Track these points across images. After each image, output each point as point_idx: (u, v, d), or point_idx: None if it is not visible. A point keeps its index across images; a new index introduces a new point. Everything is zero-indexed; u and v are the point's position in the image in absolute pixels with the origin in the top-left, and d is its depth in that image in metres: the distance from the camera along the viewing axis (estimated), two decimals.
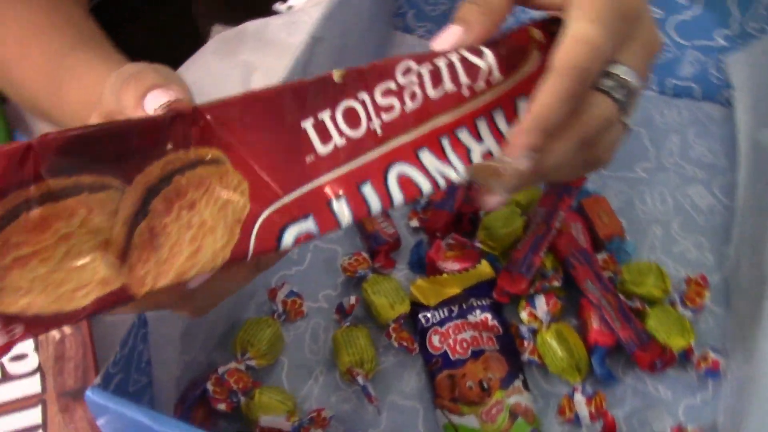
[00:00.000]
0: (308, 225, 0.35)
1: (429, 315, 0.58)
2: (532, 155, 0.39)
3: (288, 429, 0.51)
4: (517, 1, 0.43)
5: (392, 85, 0.38)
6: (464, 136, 0.40)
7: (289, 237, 0.34)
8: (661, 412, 0.55)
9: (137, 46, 0.70)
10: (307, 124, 0.35)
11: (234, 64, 0.70)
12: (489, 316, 0.58)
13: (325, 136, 0.36)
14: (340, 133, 0.36)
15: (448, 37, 0.40)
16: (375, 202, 0.37)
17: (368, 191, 0.37)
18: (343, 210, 0.36)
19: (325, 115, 0.36)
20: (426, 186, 0.38)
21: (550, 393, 0.56)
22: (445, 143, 0.39)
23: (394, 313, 0.58)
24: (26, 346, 0.49)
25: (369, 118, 0.37)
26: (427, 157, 0.39)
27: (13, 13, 0.58)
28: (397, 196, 0.37)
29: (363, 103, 0.37)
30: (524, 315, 0.58)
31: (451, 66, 0.39)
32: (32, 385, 0.48)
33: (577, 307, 0.59)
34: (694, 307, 0.58)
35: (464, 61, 0.40)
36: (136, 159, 0.31)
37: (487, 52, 0.40)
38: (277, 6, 0.83)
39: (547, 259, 0.59)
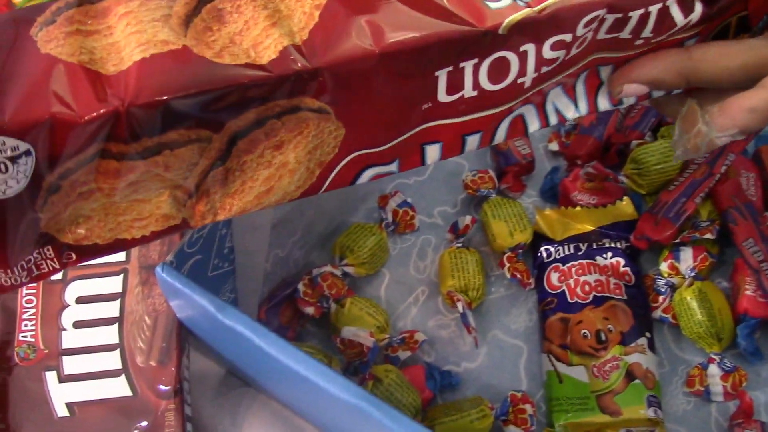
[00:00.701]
0: (390, 168, 0.32)
1: (552, 249, 0.51)
2: (740, 136, 0.33)
3: (369, 345, 0.47)
4: None
5: (568, 38, 0.30)
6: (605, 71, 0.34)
7: (365, 176, 0.32)
8: None
9: None
10: (442, 72, 0.30)
11: None
12: (621, 260, 0.50)
13: (455, 86, 0.30)
14: (476, 85, 0.31)
15: None
16: (473, 145, 0.33)
17: (471, 139, 0.33)
18: (434, 153, 0.33)
19: (467, 64, 0.30)
20: (534, 125, 0.34)
21: (680, 359, 0.48)
22: (580, 80, 0.33)
23: (513, 241, 0.51)
24: None
25: (522, 72, 0.31)
26: (555, 96, 0.34)
27: None
28: (500, 136, 0.33)
29: (522, 55, 0.30)
30: (664, 266, 0.50)
31: (643, 16, 0.31)
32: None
33: (730, 268, 0.50)
34: None
35: (665, 11, 0.32)
36: (238, 108, 0.27)
37: (698, 8, 0.32)
38: None
39: (702, 207, 0.50)
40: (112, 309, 0.45)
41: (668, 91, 0.35)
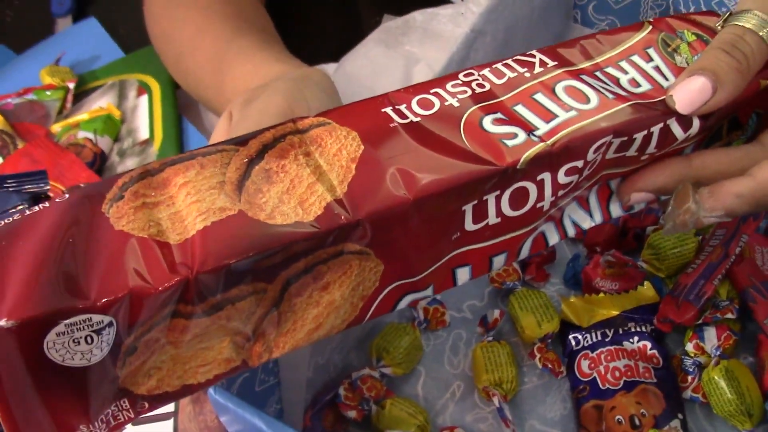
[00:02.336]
0: (426, 293, 0.36)
1: (580, 337, 0.53)
2: (725, 218, 0.36)
3: None
4: None
5: (580, 164, 0.34)
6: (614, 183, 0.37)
7: (404, 302, 0.35)
8: None
9: (301, 36, 0.70)
10: (468, 206, 0.33)
11: (397, 55, 0.69)
12: (648, 344, 0.52)
13: (480, 216, 0.34)
14: (498, 213, 0.34)
15: (693, 94, 0.34)
16: (500, 264, 0.36)
17: (497, 259, 0.36)
18: (464, 275, 0.36)
19: (490, 196, 0.33)
20: (554, 239, 0.37)
21: None
22: (592, 193, 0.36)
23: (541, 332, 0.53)
24: None
25: (540, 198, 0.34)
26: (570, 210, 0.37)
27: (196, 2, 0.60)
28: (524, 253, 0.36)
29: (540, 183, 0.34)
30: (690, 347, 0.52)
31: (647, 136, 0.35)
32: None
33: (754, 344, 0.52)
34: None
35: (666, 130, 0.35)
36: (290, 261, 0.30)
37: (696, 124, 0.36)
38: None
39: (721, 288, 0.52)
40: (165, 428, 0.47)
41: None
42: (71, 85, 0.76)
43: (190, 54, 0.59)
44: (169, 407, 0.48)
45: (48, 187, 0.55)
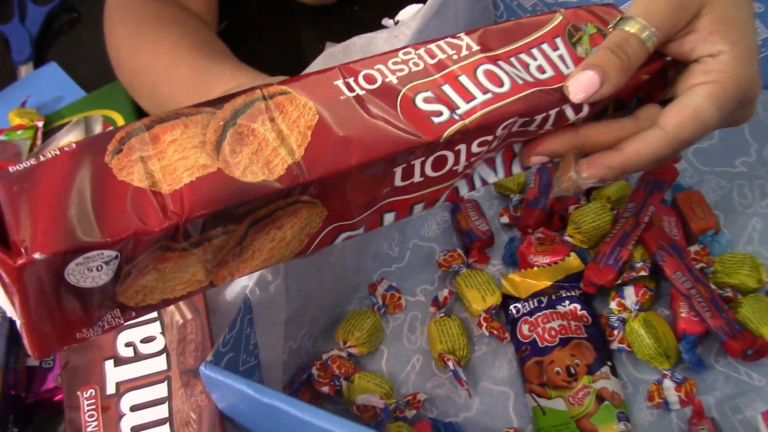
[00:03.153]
0: (358, 231, 0.43)
1: (519, 306, 0.61)
2: (599, 184, 0.44)
3: (381, 406, 0.55)
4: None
5: (490, 138, 0.42)
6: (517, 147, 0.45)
7: (340, 238, 0.43)
8: (753, 398, 0.55)
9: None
10: (398, 169, 0.40)
11: None
12: (578, 306, 0.60)
13: (408, 176, 0.41)
14: (422, 173, 0.41)
15: (584, 86, 0.42)
16: (419, 211, 0.44)
17: (418, 206, 0.44)
18: (390, 218, 0.43)
19: (417, 162, 0.41)
20: (464, 191, 0.45)
21: (639, 380, 0.58)
22: (498, 155, 0.44)
23: (486, 305, 0.61)
24: (154, 329, 0.56)
25: (456, 162, 0.42)
26: (480, 168, 0.45)
27: (167, 34, 0.67)
28: (440, 202, 0.45)
29: (457, 152, 0.41)
30: (613, 305, 0.60)
31: (545, 117, 0.43)
32: (159, 364, 0.54)
33: (667, 298, 0.60)
34: None
35: (561, 113, 0.43)
36: (256, 209, 0.38)
37: (585, 109, 0.44)
38: (385, 21, 0.88)
39: (635, 252, 0.60)
40: (162, 411, 0.53)
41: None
42: (40, 124, 0.81)
43: (166, 82, 0.66)
44: (163, 393, 0.53)
45: None
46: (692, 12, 0.45)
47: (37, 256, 0.33)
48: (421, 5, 0.90)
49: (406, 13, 0.89)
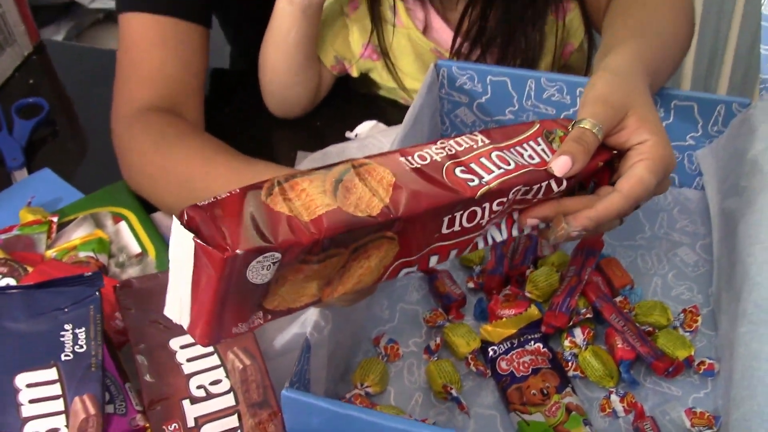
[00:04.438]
0: (413, 268, 0.59)
1: (496, 348, 0.78)
2: (582, 233, 0.63)
3: None
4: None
5: (504, 199, 0.60)
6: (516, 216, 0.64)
7: (402, 273, 0.58)
8: (674, 404, 0.74)
9: None
10: (445, 218, 0.57)
11: None
12: (540, 345, 0.77)
13: (451, 224, 0.58)
14: (460, 223, 0.59)
15: (562, 166, 0.61)
16: (452, 256, 0.61)
17: (453, 252, 0.61)
18: (434, 261, 0.60)
19: (457, 214, 0.58)
20: (481, 245, 0.62)
21: (593, 397, 0.75)
22: (503, 220, 0.63)
23: (469, 348, 0.78)
24: (219, 374, 0.68)
25: (482, 216, 0.59)
26: (491, 229, 0.63)
27: (191, 140, 0.81)
28: (466, 252, 0.62)
29: (483, 208, 0.59)
30: (567, 343, 0.78)
31: (538, 188, 0.61)
32: (228, 401, 0.66)
33: (604, 336, 0.79)
34: (691, 329, 0.79)
35: (548, 187, 0.62)
36: (360, 237, 0.53)
37: (564, 183, 0.63)
38: (348, 134, 1.07)
39: (580, 301, 0.79)
40: None
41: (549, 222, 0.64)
42: (54, 219, 0.92)
43: (201, 179, 0.80)
44: (234, 423, 0.65)
45: (103, 284, 0.72)
46: (622, 114, 0.66)
47: (238, 251, 0.47)
48: (375, 121, 1.12)
49: (364, 127, 1.10)
